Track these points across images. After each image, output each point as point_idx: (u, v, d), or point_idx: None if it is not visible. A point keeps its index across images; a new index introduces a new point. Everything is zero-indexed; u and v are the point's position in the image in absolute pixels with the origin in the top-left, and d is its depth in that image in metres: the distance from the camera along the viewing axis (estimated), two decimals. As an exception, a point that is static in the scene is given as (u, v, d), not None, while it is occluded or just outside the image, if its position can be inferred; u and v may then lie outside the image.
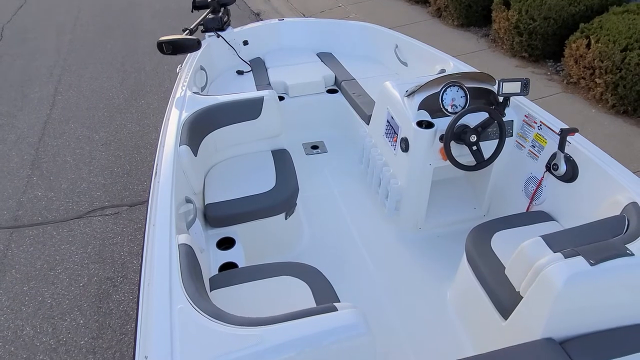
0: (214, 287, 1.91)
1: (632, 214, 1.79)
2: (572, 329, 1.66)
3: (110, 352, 2.68)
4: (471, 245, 2.11)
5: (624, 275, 1.59)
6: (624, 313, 1.67)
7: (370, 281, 2.47)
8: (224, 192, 2.43)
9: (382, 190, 2.80)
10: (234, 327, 1.39)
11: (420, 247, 2.65)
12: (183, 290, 1.48)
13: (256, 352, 1.33)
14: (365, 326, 1.43)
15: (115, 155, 4.31)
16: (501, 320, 1.87)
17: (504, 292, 1.87)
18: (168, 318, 1.40)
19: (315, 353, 1.39)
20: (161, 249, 1.63)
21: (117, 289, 3.04)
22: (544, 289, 1.60)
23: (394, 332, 2.22)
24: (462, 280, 2.19)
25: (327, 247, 2.66)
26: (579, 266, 1.57)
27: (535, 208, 2.41)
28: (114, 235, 3.45)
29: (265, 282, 1.91)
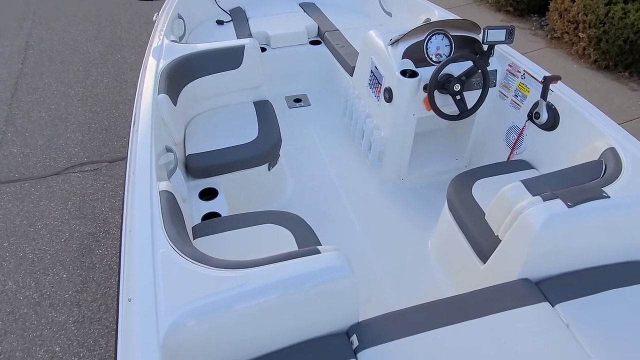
0: (196, 235, 1.90)
1: (610, 159, 1.82)
2: (548, 270, 1.71)
3: (95, 304, 2.69)
4: (452, 193, 2.14)
5: (600, 216, 1.63)
6: (597, 254, 1.73)
7: (353, 231, 2.50)
8: (205, 143, 2.40)
9: (366, 142, 2.79)
10: (217, 270, 1.39)
11: (403, 198, 2.68)
12: (165, 235, 1.47)
13: (240, 294, 1.35)
14: (348, 268, 1.45)
15: (93, 111, 4.19)
16: (480, 264, 1.92)
17: (483, 237, 1.91)
18: (151, 262, 1.40)
19: (298, 294, 1.41)
20: (142, 195, 1.60)
21: (99, 244, 3.03)
22: (522, 231, 1.64)
23: (376, 279, 2.27)
24: (443, 228, 2.23)
25: (311, 198, 2.67)
26: (557, 208, 1.60)
27: (516, 157, 2.43)
28: (94, 192, 3.40)
29: (248, 230, 1.92)
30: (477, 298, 1.62)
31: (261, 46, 3.39)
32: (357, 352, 1.49)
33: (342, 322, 1.55)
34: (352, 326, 1.56)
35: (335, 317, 1.52)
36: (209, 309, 1.32)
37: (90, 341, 2.52)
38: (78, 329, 2.58)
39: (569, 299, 1.61)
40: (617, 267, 1.73)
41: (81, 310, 2.66)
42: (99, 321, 2.61)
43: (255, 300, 1.36)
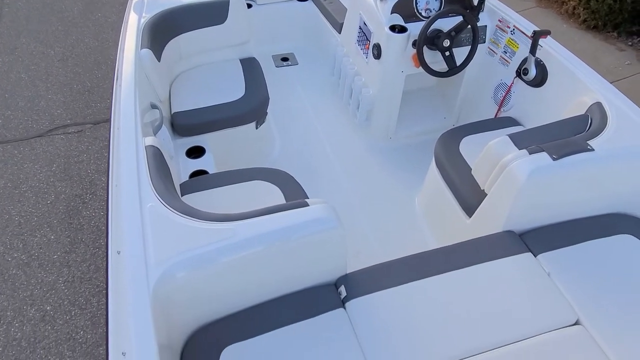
0: (184, 192, 1.90)
1: (596, 113, 1.84)
2: (532, 222, 1.75)
3: (85, 265, 2.69)
4: (440, 149, 2.15)
5: (583, 169, 1.65)
6: (580, 206, 1.76)
7: (341, 189, 2.51)
8: (191, 101, 2.36)
9: (354, 101, 2.77)
10: (206, 223, 1.40)
11: (391, 156, 2.68)
12: (152, 189, 1.47)
13: (229, 245, 1.36)
14: (336, 220, 1.47)
15: (74, 72, 4.07)
16: (466, 218, 1.96)
17: (469, 191, 1.93)
18: (139, 215, 1.40)
19: (287, 246, 1.42)
20: (127, 150, 1.58)
21: (86, 206, 3.01)
22: (508, 184, 1.66)
23: (364, 235, 2.30)
24: (430, 184, 2.25)
25: (299, 157, 2.66)
26: (542, 161, 1.62)
27: (504, 114, 2.44)
28: (79, 154, 3.34)
29: (236, 186, 1.91)
30: (461, 250, 1.66)
31: (247, 2, 3.30)
32: (345, 302, 1.52)
33: (330, 273, 1.58)
34: (340, 277, 1.59)
35: (324, 269, 1.55)
36: (199, 260, 1.33)
37: (81, 300, 2.54)
38: (68, 288, 2.59)
39: (551, 249, 1.66)
40: (598, 218, 1.77)
41: (71, 271, 2.67)
42: (89, 281, 2.63)
43: (244, 252, 1.38)
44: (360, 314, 1.48)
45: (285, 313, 1.47)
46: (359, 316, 1.47)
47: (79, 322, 2.46)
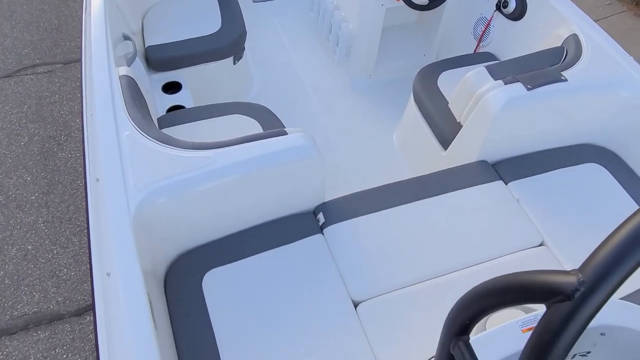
0: (162, 126, 1.88)
1: (571, 45, 1.85)
2: (505, 152, 1.80)
3: (64, 205, 2.69)
4: (418, 84, 2.16)
5: (557, 99, 1.69)
6: (552, 137, 1.82)
7: (319, 125, 2.52)
8: (165, 34, 2.28)
9: (333, 37, 2.72)
10: (185, 151, 1.40)
11: (370, 93, 2.68)
12: (128, 118, 1.45)
13: (208, 172, 1.37)
14: (315, 148, 1.48)
15: (40, 9, 3.87)
16: (442, 150, 2.00)
17: (446, 124, 1.97)
18: (116, 144, 1.39)
19: (266, 174, 1.44)
20: (101, 80, 1.55)
21: (62, 147, 2.96)
22: (483, 114, 1.69)
23: (342, 169, 2.34)
24: (408, 118, 2.27)
25: (277, 94, 2.64)
26: (517, 91, 1.65)
27: (482, 49, 2.44)
28: (51, 94, 3.24)
29: (214, 120, 1.90)
30: (436, 178, 1.71)
31: None
32: (324, 228, 1.57)
33: (309, 201, 1.61)
34: (318, 205, 1.63)
35: (303, 197, 1.59)
36: (178, 187, 1.34)
37: (62, 239, 2.55)
38: (49, 228, 2.59)
39: (521, 178, 1.72)
40: (568, 149, 1.83)
41: (50, 211, 2.66)
42: (69, 221, 2.63)
43: (224, 179, 1.39)
44: (337, 239, 1.53)
45: (265, 239, 1.52)
46: (337, 241, 1.53)
47: (62, 260, 2.48)
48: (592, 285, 0.55)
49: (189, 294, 1.39)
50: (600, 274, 0.56)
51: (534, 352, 0.59)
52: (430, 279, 1.47)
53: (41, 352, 2.18)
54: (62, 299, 2.35)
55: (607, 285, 0.55)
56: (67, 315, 2.30)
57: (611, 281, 0.56)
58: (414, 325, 1.36)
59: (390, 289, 1.44)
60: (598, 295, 0.55)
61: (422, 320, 1.37)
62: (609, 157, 1.81)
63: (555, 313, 0.58)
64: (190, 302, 1.38)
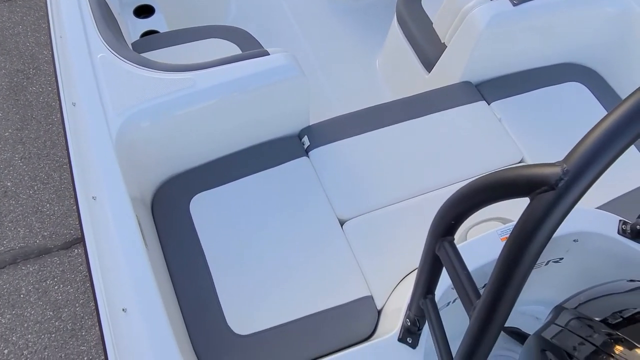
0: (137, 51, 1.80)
1: None
2: (489, 73, 1.79)
3: (40, 141, 2.62)
4: (402, 4, 2.09)
5: (542, 15, 1.66)
6: (536, 56, 1.81)
7: (301, 50, 2.45)
8: None
9: (312, -44, 2.58)
10: (164, 73, 1.35)
11: (353, 17, 2.59)
12: (101, 40, 1.38)
13: (188, 94, 1.34)
14: (298, 68, 1.45)
15: None
16: (425, 73, 1.98)
17: (430, 45, 1.93)
18: (90, 66, 1.33)
19: (249, 95, 1.42)
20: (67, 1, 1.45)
21: (31, 81, 2.83)
22: (468, 32, 1.66)
23: (324, 95, 2.30)
24: (392, 41, 2.22)
25: (256, 17, 2.53)
26: (503, 6, 1.62)
27: None
28: (13, 25, 3.06)
29: (192, 44, 1.83)
30: (419, 100, 1.71)
31: None
32: (309, 151, 1.58)
33: (294, 124, 1.60)
34: (303, 129, 1.62)
35: (287, 120, 1.57)
36: (160, 109, 1.31)
37: (42, 175, 2.51)
38: (26, 164, 2.54)
39: (504, 97, 1.73)
40: (551, 68, 1.84)
41: (26, 147, 2.59)
42: (47, 156, 2.58)
43: (206, 101, 1.37)
44: (322, 161, 1.54)
45: (251, 163, 1.52)
46: (322, 163, 1.54)
47: (44, 195, 2.45)
48: (575, 173, 0.57)
49: (177, 217, 1.40)
50: (584, 162, 0.58)
51: (517, 241, 0.62)
52: (413, 196, 1.51)
53: (32, 285, 2.21)
54: (48, 234, 2.36)
55: (589, 174, 0.57)
56: (54, 249, 2.31)
57: (594, 169, 0.57)
58: (399, 240, 1.41)
59: (375, 207, 1.47)
60: (581, 184, 0.57)
61: (407, 235, 1.42)
62: (590, 76, 1.82)
63: (539, 203, 0.60)
64: (179, 225, 1.39)
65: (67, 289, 2.23)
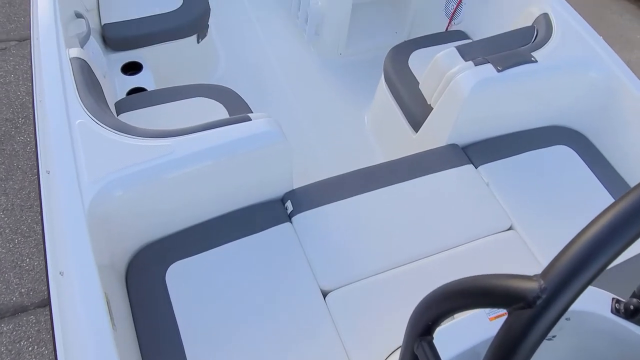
0: (121, 111, 1.79)
1: (542, 24, 1.82)
2: (475, 135, 1.78)
3: (24, 192, 2.57)
4: (389, 64, 2.11)
5: (526, 81, 1.67)
6: (523, 119, 1.81)
7: (289, 106, 2.45)
8: (122, 11, 2.15)
9: (302, 14, 2.63)
10: (142, 139, 1.33)
11: (341, 73, 2.62)
12: (81, 105, 1.36)
13: (167, 162, 1.31)
14: (280, 134, 1.43)
15: (-11, -19, 3.62)
16: (412, 133, 1.97)
17: (417, 106, 1.93)
18: (67, 132, 1.31)
19: (230, 162, 1.39)
20: (50, 62, 1.44)
21: (19, 131, 2.81)
22: (453, 96, 1.66)
23: (312, 152, 2.29)
24: (379, 100, 2.23)
25: (245, 74, 2.55)
26: (487, 73, 1.62)
27: (454, 28, 2.40)
28: (5, 74, 3.07)
29: (177, 103, 1.82)
30: (406, 163, 1.68)
31: None
32: (292, 216, 1.54)
33: (277, 189, 1.57)
34: (286, 193, 1.59)
35: (270, 185, 1.54)
36: (136, 178, 1.28)
37: (24, 228, 2.45)
38: (8, 217, 2.48)
39: (491, 161, 1.71)
40: (537, 131, 1.83)
41: (9, 199, 2.54)
42: (30, 208, 2.52)
43: (185, 169, 1.33)
44: (306, 226, 1.50)
45: (231, 229, 1.47)
46: (305, 229, 1.49)
47: (24, 249, 2.39)
48: (553, 292, 0.54)
49: (152, 288, 1.34)
50: (561, 280, 0.54)
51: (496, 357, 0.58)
52: (399, 266, 1.46)
53: (5, 346, 2.11)
54: (25, 290, 2.27)
55: (568, 293, 0.54)
56: (31, 307, 2.22)
57: (572, 289, 0.54)
58: (383, 314, 1.35)
59: (359, 278, 1.42)
60: (559, 303, 0.54)
61: (392, 309, 1.36)
62: (578, 139, 1.81)
63: (516, 320, 0.57)
64: (153, 296, 1.33)
65: (41, 350, 2.13)
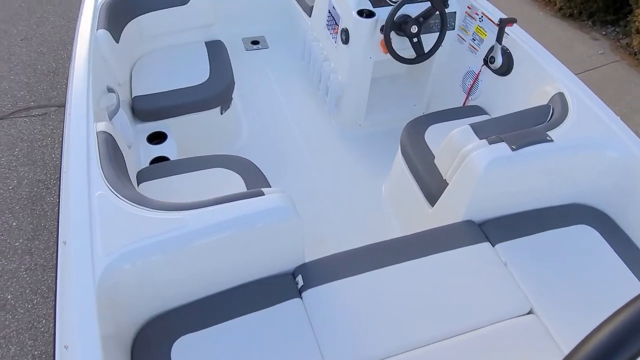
0: (142, 180, 1.85)
1: (557, 103, 1.84)
2: (491, 212, 1.75)
3: (48, 252, 2.63)
4: (405, 137, 2.14)
5: (542, 160, 1.66)
6: (540, 197, 1.78)
7: (308, 176, 2.49)
8: (152, 84, 2.29)
9: (323, 86, 2.73)
10: (157, 212, 1.36)
11: (360, 144, 2.67)
12: (102, 177, 1.42)
13: (179, 236, 1.33)
14: (292, 210, 1.44)
15: (38, 52, 3.93)
16: (428, 207, 1.96)
17: (432, 181, 1.93)
18: (86, 204, 1.35)
19: (241, 237, 1.40)
20: (77, 136, 1.53)
21: (50, 192, 2.93)
22: (468, 173, 1.66)
23: (329, 222, 2.29)
24: (396, 172, 2.25)
25: (266, 143, 2.63)
26: (501, 151, 1.62)
27: (471, 103, 2.44)
28: (43, 137, 3.25)
29: (196, 174, 1.88)
30: (421, 239, 1.66)
31: None
32: (302, 291, 1.51)
33: (287, 263, 1.56)
34: (298, 267, 1.58)
35: (281, 259, 1.54)
36: (146, 251, 1.30)
37: (43, 288, 2.49)
38: (30, 276, 2.53)
39: (509, 239, 1.67)
40: (557, 209, 1.79)
41: (33, 258, 2.60)
42: (52, 269, 2.57)
43: (195, 242, 1.35)
44: (316, 303, 1.47)
45: (239, 303, 1.46)
46: (315, 306, 1.47)
47: (41, 310, 2.41)
48: None
49: (157, 363, 1.32)
50: None
51: None
52: (411, 349, 1.40)
53: (11, 412, 2.08)
54: (38, 353, 2.27)
55: None
56: (41, 371, 2.21)
57: None
58: None
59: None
60: None
61: None
62: (599, 218, 1.76)
63: None
64: None
65: (46, 418, 2.08)
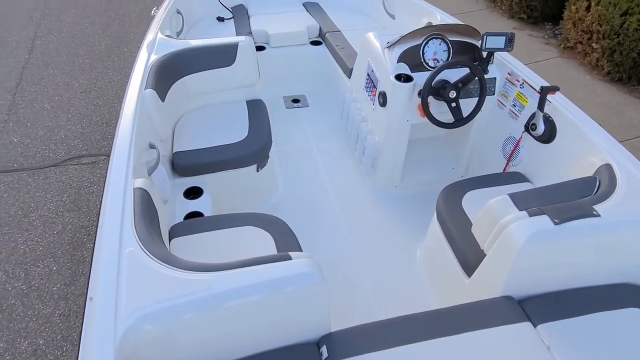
0: (174, 235, 1.87)
1: (604, 176, 1.75)
2: (532, 288, 1.64)
3: (83, 298, 2.67)
4: (442, 203, 2.08)
5: (588, 235, 1.56)
6: (585, 274, 1.66)
7: (341, 237, 2.45)
8: (193, 141, 2.37)
9: (360, 147, 2.74)
10: (184, 272, 1.36)
11: (395, 206, 2.62)
12: (134, 234, 1.44)
13: (203, 298, 1.31)
14: (319, 276, 1.41)
15: (95, 104, 4.20)
16: (465, 277, 1.86)
17: (469, 250, 1.85)
18: (116, 261, 1.37)
19: (264, 301, 1.37)
20: (115, 192, 1.58)
21: (91, 238, 3.01)
22: (506, 246, 1.58)
23: (360, 286, 2.22)
24: (432, 238, 2.17)
25: (301, 202, 2.63)
26: (543, 225, 1.54)
27: (512, 169, 2.36)
28: (90, 185, 3.39)
29: (227, 231, 1.88)
30: (457, 314, 1.57)
31: (260, 45, 3.36)
32: None
33: (312, 331, 1.50)
34: (323, 336, 1.51)
35: (305, 326, 1.48)
36: (169, 312, 1.28)
37: (74, 335, 2.51)
38: (63, 322, 2.57)
39: (552, 320, 1.55)
40: (604, 289, 1.66)
41: (68, 304, 2.65)
42: (84, 316, 2.60)
43: (219, 305, 1.33)
44: None
45: None
46: None
47: (70, 358, 2.41)
48: None
49: None
50: None
51: None
52: None
53: None
54: (61, 403, 2.25)
55: None
56: None
57: None
58: None
59: None
60: None
61: None
62: None
63: None
64: None
65: None
